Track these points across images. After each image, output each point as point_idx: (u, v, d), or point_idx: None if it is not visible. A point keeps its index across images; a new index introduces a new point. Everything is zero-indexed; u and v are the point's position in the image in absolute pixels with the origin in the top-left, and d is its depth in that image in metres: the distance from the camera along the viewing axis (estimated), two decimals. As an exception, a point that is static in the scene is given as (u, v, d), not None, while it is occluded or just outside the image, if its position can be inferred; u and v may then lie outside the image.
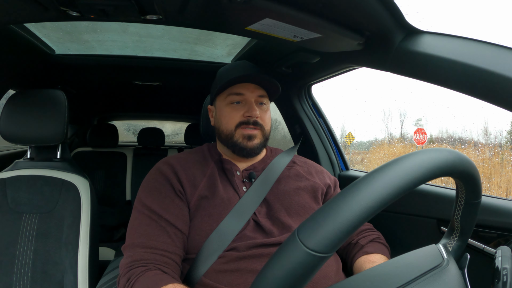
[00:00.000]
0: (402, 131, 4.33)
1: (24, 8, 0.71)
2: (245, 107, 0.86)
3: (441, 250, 0.49)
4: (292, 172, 0.92)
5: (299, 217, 0.82)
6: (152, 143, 2.57)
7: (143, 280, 0.66)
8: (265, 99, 0.90)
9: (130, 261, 0.70)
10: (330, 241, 0.30)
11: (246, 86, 0.87)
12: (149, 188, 0.81)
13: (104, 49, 1.44)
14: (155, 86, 1.92)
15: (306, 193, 0.87)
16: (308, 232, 0.31)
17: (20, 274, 0.97)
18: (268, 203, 0.83)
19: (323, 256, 0.30)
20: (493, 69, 0.59)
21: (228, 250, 0.74)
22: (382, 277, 0.40)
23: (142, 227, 0.75)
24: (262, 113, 0.88)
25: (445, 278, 0.43)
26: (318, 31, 0.77)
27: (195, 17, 0.77)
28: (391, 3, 0.67)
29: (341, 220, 0.31)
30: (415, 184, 0.34)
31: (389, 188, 0.32)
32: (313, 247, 0.30)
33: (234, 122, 0.86)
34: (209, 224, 0.77)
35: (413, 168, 0.34)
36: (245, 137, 0.85)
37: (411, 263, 0.44)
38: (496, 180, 2.37)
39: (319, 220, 0.31)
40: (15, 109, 1.03)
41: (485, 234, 0.77)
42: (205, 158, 0.90)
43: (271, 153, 0.96)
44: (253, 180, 0.86)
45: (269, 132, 0.91)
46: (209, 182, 0.83)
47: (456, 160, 0.39)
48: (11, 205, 1.01)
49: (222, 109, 0.89)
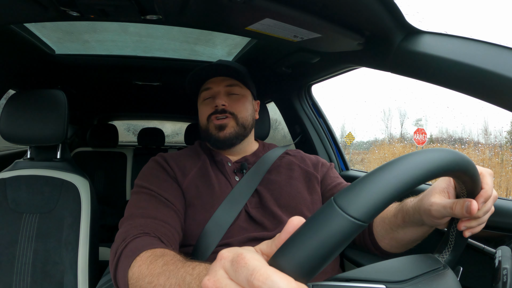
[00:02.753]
0: (402, 131, 4.33)
1: (24, 8, 0.71)
2: (215, 100, 0.88)
3: (438, 257, 0.49)
4: (284, 161, 0.92)
5: (289, 207, 0.82)
6: (152, 143, 2.57)
7: (140, 241, 0.63)
8: (235, 88, 0.91)
9: (128, 228, 0.67)
10: (369, 209, 0.30)
11: (213, 80, 0.90)
12: (146, 174, 0.82)
13: (104, 49, 1.44)
14: (155, 86, 1.92)
15: (299, 182, 0.87)
16: (347, 199, 0.31)
17: (20, 274, 0.97)
18: (259, 193, 0.83)
19: (361, 224, 0.30)
20: (493, 69, 0.59)
21: (222, 245, 0.74)
22: (385, 271, 0.41)
23: (142, 202, 0.74)
24: (233, 102, 0.88)
25: (446, 280, 0.43)
26: (318, 31, 0.77)
27: (195, 17, 0.77)
28: (391, 3, 0.67)
29: (380, 190, 0.32)
30: (438, 174, 0.37)
31: (420, 169, 0.34)
32: (354, 214, 0.30)
33: (205, 115, 0.89)
34: (203, 213, 0.77)
35: (438, 159, 0.37)
36: (216, 127, 0.86)
37: (413, 263, 0.44)
38: (496, 180, 2.37)
39: (358, 189, 0.32)
40: (15, 109, 1.03)
41: (485, 234, 0.77)
42: (197, 152, 0.92)
43: (264, 148, 0.97)
44: (244, 171, 0.86)
45: (249, 122, 0.91)
46: (200, 172, 0.84)
47: (459, 160, 0.40)
48: (11, 205, 1.01)
49: (199, 107, 0.93)
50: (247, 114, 0.91)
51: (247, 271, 0.29)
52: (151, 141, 2.57)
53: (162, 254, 0.57)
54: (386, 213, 0.73)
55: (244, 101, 0.91)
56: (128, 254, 0.60)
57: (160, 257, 0.56)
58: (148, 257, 0.57)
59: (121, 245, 0.63)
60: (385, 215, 0.73)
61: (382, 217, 0.74)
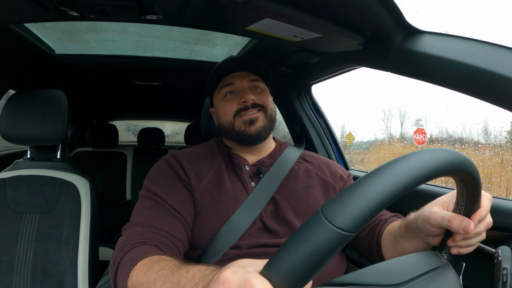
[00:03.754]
0: (402, 131, 4.33)
1: (24, 8, 0.71)
2: (239, 95, 0.84)
3: (439, 255, 0.49)
4: (302, 168, 0.88)
5: (306, 217, 0.79)
6: (152, 143, 2.57)
7: (137, 250, 0.62)
8: (259, 83, 0.88)
9: (127, 238, 0.67)
10: (356, 220, 0.30)
11: (236, 75, 0.86)
12: (155, 177, 0.80)
13: (104, 49, 1.44)
14: (155, 86, 1.92)
15: (316, 191, 0.84)
16: (333, 210, 0.31)
17: (20, 274, 0.97)
18: (276, 201, 0.80)
19: (348, 234, 0.30)
20: (493, 69, 0.59)
21: (231, 248, 0.73)
22: (385, 273, 0.40)
23: (145, 209, 0.73)
24: (259, 95, 0.85)
25: (446, 279, 0.43)
26: (318, 31, 0.77)
27: (195, 17, 0.77)
28: (391, 3, 0.67)
29: (367, 200, 0.31)
30: (432, 176, 0.36)
31: (410, 175, 0.34)
32: (340, 224, 0.30)
33: (231, 112, 0.84)
34: (215, 221, 0.75)
35: (430, 161, 0.36)
36: (246, 123, 0.83)
37: (413, 263, 0.44)
38: (496, 180, 2.37)
39: (345, 199, 0.31)
40: (15, 109, 1.03)
41: (485, 234, 0.77)
42: (213, 152, 0.88)
43: (280, 147, 0.93)
44: (261, 176, 0.83)
45: (274, 114, 0.89)
46: (215, 177, 0.81)
47: (465, 161, 0.39)
48: (11, 205, 1.01)
49: (219, 104, 0.88)
50: (273, 107, 0.89)
51: None
52: (151, 141, 2.57)
53: (158, 260, 0.57)
54: (394, 226, 0.73)
55: (268, 94, 0.89)
56: (126, 264, 0.60)
57: (156, 263, 0.56)
58: (145, 264, 0.57)
59: (119, 255, 0.63)
60: (392, 228, 0.73)
61: (389, 230, 0.74)
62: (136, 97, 2.36)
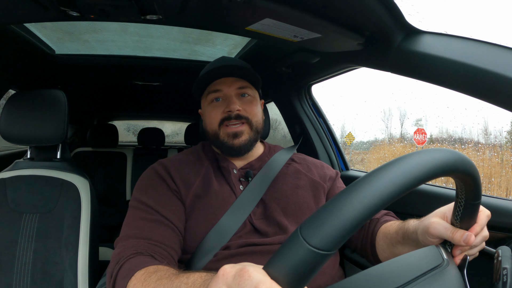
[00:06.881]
0: (402, 131, 4.33)
1: (24, 8, 0.71)
2: (225, 103, 0.82)
3: (440, 251, 0.49)
4: (290, 169, 0.88)
5: (296, 217, 0.80)
6: (152, 143, 2.57)
7: (133, 261, 0.62)
8: (247, 90, 0.85)
9: (122, 250, 0.67)
10: (333, 239, 0.30)
11: (223, 81, 0.83)
12: (144, 187, 0.79)
13: (104, 49, 1.44)
14: (155, 86, 1.92)
15: (305, 192, 0.84)
16: (311, 229, 0.31)
17: (20, 274, 0.97)
18: (265, 203, 0.81)
19: (326, 254, 0.30)
20: (493, 69, 0.59)
21: (221, 249, 0.74)
22: (382, 277, 0.40)
23: (137, 221, 0.73)
24: (246, 105, 0.83)
25: (445, 278, 0.43)
26: (318, 31, 0.77)
27: (195, 17, 0.77)
28: (391, 3, 0.67)
29: (344, 218, 0.31)
30: (416, 184, 0.35)
31: (390, 187, 0.33)
32: (316, 244, 0.30)
33: (216, 120, 0.83)
34: (204, 225, 0.75)
35: (414, 167, 0.35)
36: (229, 135, 0.81)
37: (412, 263, 0.44)
38: (496, 180, 2.37)
39: (322, 218, 0.31)
40: (15, 109, 1.03)
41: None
42: (199, 158, 0.87)
43: (270, 151, 0.93)
44: (250, 179, 0.83)
45: (261, 125, 0.87)
46: (203, 181, 0.81)
47: (457, 160, 0.39)
48: (11, 205, 1.01)
49: (206, 109, 0.86)
50: (259, 117, 0.86)
51: (251, 284, 0.30)
52: (151, 141, 2.57)
53: (156, 270, 0.57)
54: (389, 229, 0.73)
55: (256, 103, 0.87)
56: (123, 275, 0.60)
57: (154, 273, 0.56)
58: (142, 275, 0.57)
59: (115, 267, 0.63)
60: (388, 231, 0.74)
61: (384, 232, 0.75)
62: (136, 97, 2.36)
